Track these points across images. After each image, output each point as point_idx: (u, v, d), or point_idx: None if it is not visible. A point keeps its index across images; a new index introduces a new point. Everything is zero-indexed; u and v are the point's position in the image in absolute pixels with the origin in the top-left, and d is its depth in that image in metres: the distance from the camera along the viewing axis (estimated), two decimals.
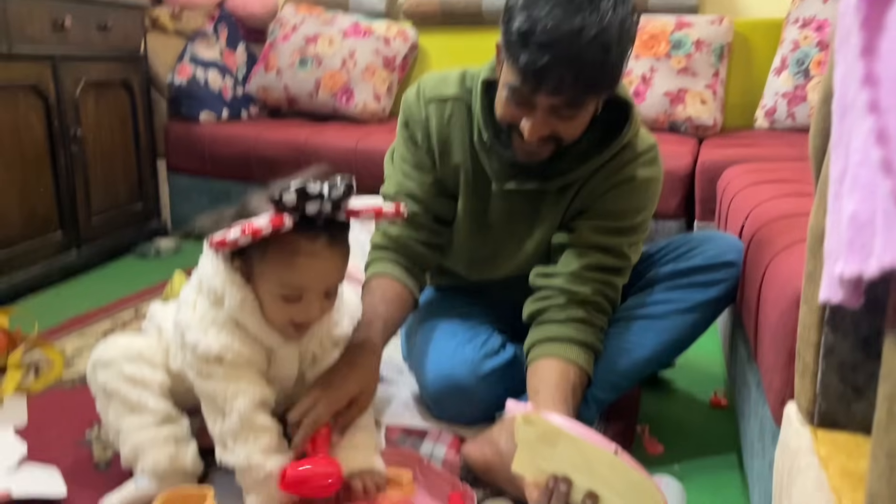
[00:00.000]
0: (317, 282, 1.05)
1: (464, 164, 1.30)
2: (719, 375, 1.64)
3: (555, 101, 1.08)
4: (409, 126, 1.33)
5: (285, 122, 2.79)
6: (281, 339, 1.11)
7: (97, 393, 1.17)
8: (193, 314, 1.10)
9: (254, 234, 0.94)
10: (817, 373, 0.74)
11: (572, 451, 0.92)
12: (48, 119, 2.11)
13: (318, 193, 0.98)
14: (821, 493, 0.66)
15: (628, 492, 0.89)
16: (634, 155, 1.24)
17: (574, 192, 1.26)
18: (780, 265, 0.98)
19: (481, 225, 1.33)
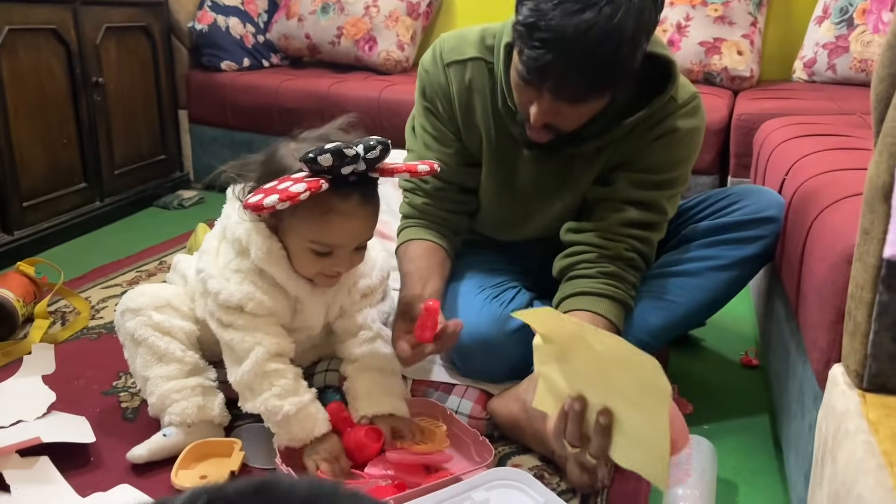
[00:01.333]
0: (349, 239, 1.03)
1: (486, 129, 1.25)
2: (750, 335, 1.61)
3: (558, 96, 1.03)
4: (427, 95, 1.28)
5: (307, 72, 2.74)
6: (309, 288, 1.10)
7: (125, 340, 1.17)
8: (216, 261, 1.10)
9: (291, 199, 0.91)
10: (869, 333, 0.70)
11: (587, 357, 0.88)
12: (70, 65, 2.09)
13: (355, 155, 0.95)
14: (871, 458, 0.63)
15: (637, 391, 0.83)
16: (676, 106, 1.18)
17: (610, 150, 1.21)
18: (828, 221, 0.93)
19: (508, 189, 1.29)
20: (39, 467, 1.06)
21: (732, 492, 1.10)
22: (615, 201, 1.20)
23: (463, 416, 1.20)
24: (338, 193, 0.98)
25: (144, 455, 1.08)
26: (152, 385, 1.13)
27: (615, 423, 0.88)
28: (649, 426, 0.83)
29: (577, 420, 0.91)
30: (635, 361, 0.81)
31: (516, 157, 1.25)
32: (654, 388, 0.80)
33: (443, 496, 1.00)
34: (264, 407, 1.05)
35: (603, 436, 0.88)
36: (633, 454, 0.88)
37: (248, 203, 0.93)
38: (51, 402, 1.22)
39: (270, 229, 1.06)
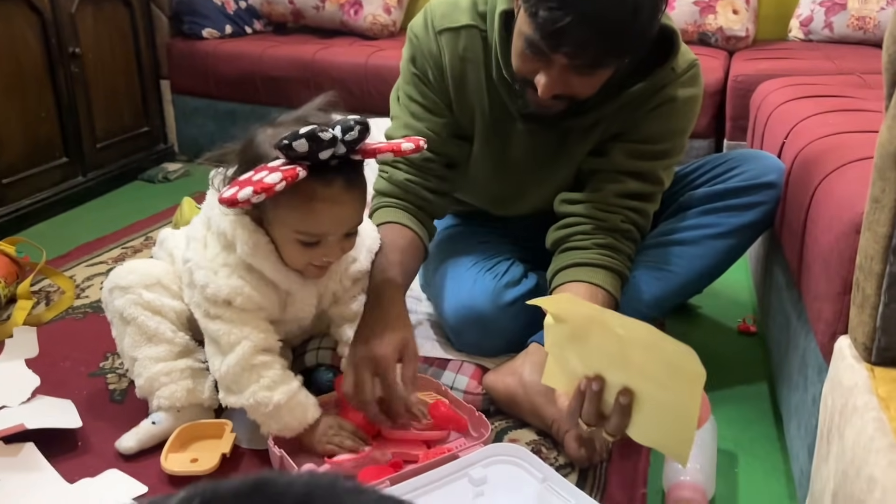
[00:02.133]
0: (336, 226, 0.99)
1: (480, 101, 1.19)
2: (747, 301, 1.59)
3: (574, 62, 0.98)
4: (417, 62, 1.21)
5: (291, 38, 2.66)
6: (300, 281, 1.05)
7: (113, 318, 1.13)
8: (204, 252, 1.05)
9: (266, 191, 0.86)
10: (879, 305, 0.68)
11: (606, 339, 0.86)
12: (45, 36, 2.01)
13: (332, 139, 0.90)
14: (882, 437, 0.60)
15: (665, 374, 0.82)
16: (674, 75, 1.13)
17: (607, 122, 1.16)
18: (833, 187, 0.90)
19: (502, 164, 1.24)
20: (25, 454, 1.03)
21: (733, 462, 1.09)
22: (611, 172, 1.17)
23: (458, 391, 1.18)
24: (320, 179, 0.93)
25: (134, 447, 1.05)
26: (140, 366, 1.09)
27: (635, 402, 0.87)
28: (676, 407, 0.83)
29: (594, 399, 0.90)
30: (666, 348, 0.80)
31: (511, 131, 1.21)
32: (687, 373, 0.79)
33: (441, 474, 0.98)
34: (253, 400, 1.01)
35: (622, 415, 0.88)
36: (653, 432, 0.88)
37: (222, 198, 0.88)
38: (35, 387, 1.19)
39: (255, 222, 1.01)
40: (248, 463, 1.05)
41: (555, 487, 0.95)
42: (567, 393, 0.95)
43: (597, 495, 1.00)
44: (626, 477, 1.04)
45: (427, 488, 0.96)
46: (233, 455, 1.04)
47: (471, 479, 0.97)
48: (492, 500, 0.95)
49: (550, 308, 0.94)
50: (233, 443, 1.05)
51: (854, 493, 0.63)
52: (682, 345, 0.79)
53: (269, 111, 2.53)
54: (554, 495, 0.94)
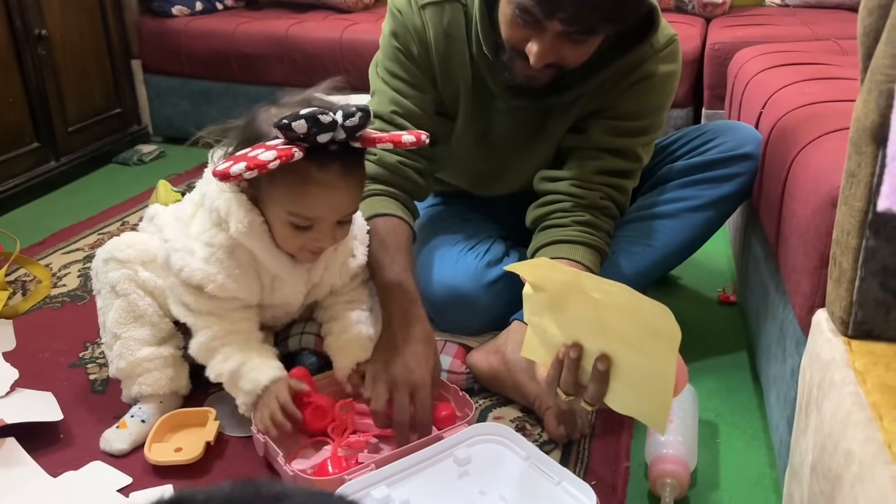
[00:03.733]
0: (329, 212, 0.97)
1: (464, 77, 1.18)
2: (727, 271, 1.60)
3: (568, 28, 0.96)
4: (399, 37, 1.19)
5: (263, 13, 2.61)
6: (290, 265, 1.04)
7: (102, 289, 1.10)
8: (186, 230, 1.04)
9: (259, 167, 0.85)
10: (855, 279, 0.68)
11: (583, 305, 0.86)
12: (9, 18, 1.96)
13: (331, 122, 0.89)
14: (859, 410, 0.61)
15: (641, 337, 0.83)
16: (653, 51, 1.13)
17: (586, 99, 1.16)
18: (810, 159, 0.90)
19: (484, 142, 1.23)
20: (6, 449, 1.02)
21: (714, 433, 1.10)
22: (589, 149, 1.16)
23: (443, 371, 1.18)
24: (316, 163, 0.92)
25: (125, 447, 1.04)
26: (123, 347, 1.07)
27: (613, 369, 0.87)
28: (652, 371, 0.83)
29: (572, 367, 0.89)
30: (642, 308, 0.79)
31: (492, 109, 1.20)
32: (663, 334, 0.79)
33: (426, 454, 0.98)
34: (214, 374, 1.03)
35: (600, 382, 0.87)
36: (631, 400, 0.88)
37: (215, 171, 0.87)
38: (14, 380, 1.18)
39: (252, 201, 1.00)
40: (232, 450, 1.05)
41: (538, 465, 0.96)
42: (546, 365, 0.95)
43: (580, 471, 1.01)
44: (609, 452, 1.05)
45: (412, 469, 0.97)
46: (217, 443, 1.04)
47: (455, 458, 0.98)
48: (476, 479, 0.96)
49: (528, 274, 0.94)
50: (217, 430, 1.04)
51: (832, 466, 0.63)
52: (658, 304, 0.78)
53: (244, 89, 2.52)
54: (538, 472, 0.95)
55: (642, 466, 1.01)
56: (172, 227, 1.06)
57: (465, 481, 0.96)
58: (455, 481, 0.96)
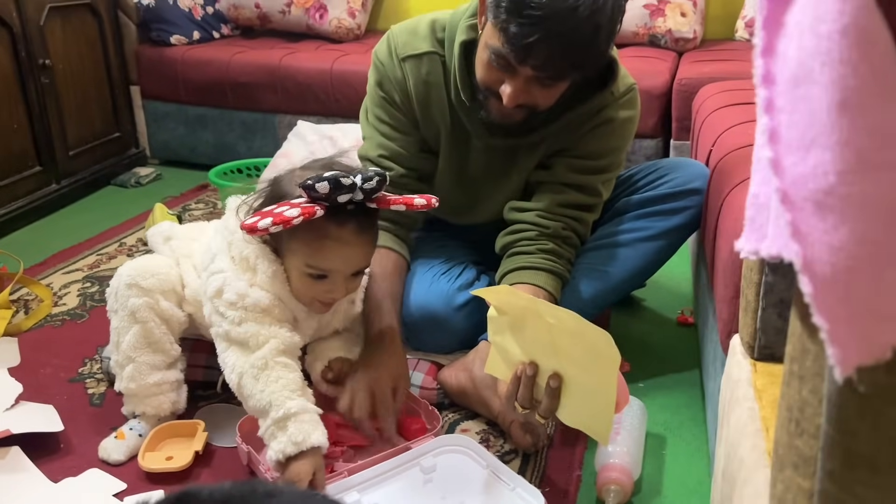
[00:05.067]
0: (343, 265, 1.07)
1: (443, 119, 1.30)
2: (688, 294, 1.70)
3: (538, 74, 1.08)
4: (384, 86, 1.31)
5: (258, 43, 2.73)
6: (305, 311, 1.13)
7: (120, 310, 1.15)
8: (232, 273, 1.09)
9: (284, 223, 0.95)
10: (758, 310, 0.79)
11: (538, 328, 0.98)
12: (14, 50, 2.07)
13: (352, 185, 0.99)
14: (752, 423, 0.71)
15: (587, 358, 0.94)
16: (613, 98, 1.25)
17: (552, 138, 1.27)
18: (736, 199, 1.01)
19: (461, 177, 1.35)
20: (11, 457, 1.11)
21: (661, 445, 1.20)
22: (554, 184, 1.28)
23: (415, 387, 1.28)
24: (334, 220, 1.02)
25: (122, 459, 1.13)
26: (136, 370, 1.14)
27: (564, 386, 0.99)
28: (597, 390, 0.94)
29: (528, 384, 1.01)
30: (588, 333, 0.91)
31: (469, 147, 1.32)
32: (605, 357, 0.91)
33: (394, 463, 1.08)
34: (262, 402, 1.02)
35: (552, 398, 1.00)
36: (579, 414, 1.00)
37: (244, 224, 0.97)
38: (18, 394, 1.27)
39: (274, 251, 1.09)
40: (219, 459, 1.15)
41: (496, 473, 1.06)
42: (507, 380, 1.06)
43: (536, 478, 1.11)
44: (564, 461, 1.15)
45: (382, 477, 1.06)
46: (205, 452, 1.14)
47: (422, 468, 1.08)
48: (439, 486, 1.06)
49: (491, 299, 1.05)
50: (205, 441, 1.14)
51: (732, 471, 0.74)
52: (601, 330, 0.91)
53: (238, 115, 2.62)
54: (495, 479, 1.05)
55: (593, 475, 1.11)
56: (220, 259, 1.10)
57: (430, 487, 1.06)
58: (420, 487, 1.06)
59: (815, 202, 0.35)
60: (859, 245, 0.35)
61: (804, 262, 0.36)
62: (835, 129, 0.34)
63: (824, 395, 0.42)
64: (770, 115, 0.38)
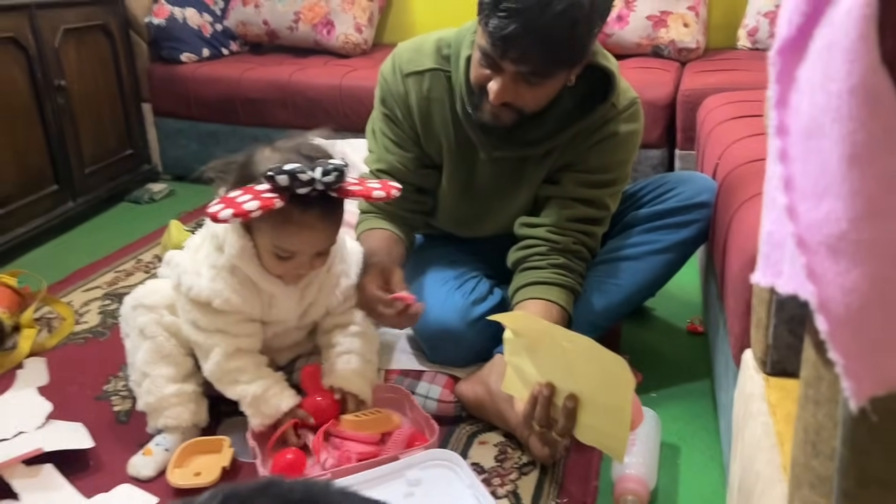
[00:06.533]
0: (307, 247, 1.13)
1: (446, 135, 1.33)
2: (697, 303, 1.73)
3: (521, 69, 1.12)
4: (387, 102, 1.36)
5: (267, 59, 2.77)
6: (281, 285, 1.19)
7: (131, 332, 1.25)
8: (195, 256, 1.20)
9: (243, 216, 1.00)
10: (769, 326, 0.82)
11: (554, 351, 1.01)
12: (31, 71, 2.11)
13: (310, 180, 1.04)
14: (767, 438, 0.74)
15: (602, 381, 0.98)
16: (616, 112, 1.28)
17: (558, 152, 1.31)
18: (744, 216, 1.04)
19: (468, 190, 1.39)
20: (45, 475, 1.15)
21: (675, 454, 1.23)
22: (563, 199, 1.31)
23: (433, 400, 1.31)
24: (298, 206, 1.07)
25: (152, 474, 1.16)
26: (152, 384, 1.20)
27: (580, 406, 1.02)
28: (612, 410, 0.98)
29: (545, 404, 1.05)
30: (603, 358, 0.95)
31: (474, 161, 1.35)
32: (620, 381, 0.95)
33: (379, 473, 1.10)
34: (233, 396, 1.19)
35: (569, 418, 1.03)
36: (594, 433, 1.03)
37: (207, 212, 1.03)
38: (48, 412, 1.31)
39: (245, 228, 1.15)
40: (245, 474, 1.18)
41: (477, 495, 1.07)
42: (524, 399, 1.09)
43: (554, 489, 1.14)
44: (581, 472, 1.18)
45: (363, 485, 1.07)
46: (232, 468, 1.17)
47: (407, 480, 1.10)
48: (419, 501, 1.07)
49: (508, 323, 1.09)
50: (231, 457, 1.17)
51: (747, 485, 0.77)
52: (615, 355, 0.94)
53: (249, 131, 2.66)
54: (474, 502, 1.06)
55: (610, 485, 1.13)
56: (182, 255, 1.23)
57: (409, 501, 1.07)
58: (400, 500, 1.07)
59: (828, 246, 0.38)
60: (871, 286, 0.38)
61: (819, 302, 0.39)
62: (846, 179, 0.37)
63: (839, 419, 0.45)
64: (784, 163, 0.41)
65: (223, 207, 1.01)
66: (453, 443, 1.25)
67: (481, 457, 1.21)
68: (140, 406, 1.23)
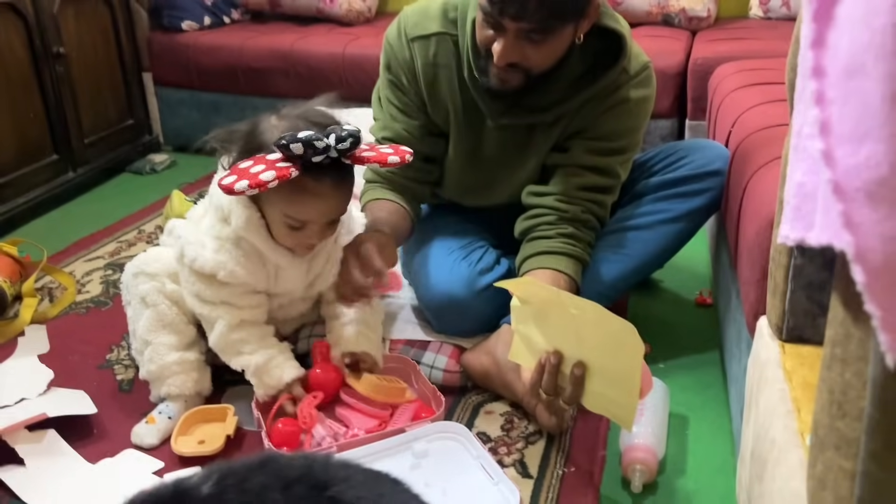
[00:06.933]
0: (319, 216, 1.10)
1: (453, 100, 1.30)
2: (705, 275, 1.71)
3: (521, 26, 1.09)
4: (392, 68, 1.32)
5: (269, 27, 2.72)
6: (290, 256, 1.17)
7: (132, 300, 1.23)
8: (198, 227, 1.18)
9: (260, 186, 0.98)
10: (787, 292, 0.80)
11: (562, 319, 0.99)
12: (29, 39, 2.07)
13: (325, 147, 1.01)
14: (783, 405, 0.73)
15: (611, 348, 0.96)
16: (628, 77, 1.25)
17: (567, 120, 1.28)
18: (760, 182, 1.01)
19: (475, 158, 1.36)
20: (48, 440, 1.14)
21: (683, 425, 1.22)
22: (572, 167, 1.28)
23: (438, 370, 1.29)
24: (311, 175, 1.04)
25: (156, 442, 1.15)
26: (154, 352, 1.19)
27: (588, 374, 1.00)
28: (621, 378, 0.96)
29: (553, 372, 1.03)
30: (611, 324, 0.93)
31: (481, 129, 1.32)
32: (629, 347, 0.93)
33: (385, 445, 1.09)
34: (237, 366, 1.18)
35: (577, 385, 1.01)
36: (603, 401, 1.02)
37: (220, 184, 1.00)
38: (50, 379, 1.30)
39: (251, 199, 1.12)
40: (249, 443, 1.17)
41: (485, 465, 1.06)
42: (531, 368, 1.08)
43: (561, 459, 1.13)
44: (589, 441, 1.16)
45: (370, 457, 1.06)
46: (236, 436, 1.16)
47: (414, 452, 1.09)
48: (426, 472, 1.06)
49: (515, 290, 1.07)
50: (236, 425, 1.16)
51: (762, 452, 0.75)
52: (625, 321, 0.92)
53: (251, 100, 2.62)
54: (482, 472, 1.06)
55: (617, 455, 1.12)
56: (185, 226, 1.20)
57: (415, 473, 1.06)
58: (406, 472, 1.05)
59: (867, 193, 0.36)
60: None
61: (857, 252, 0.37)
62: (888, 121, 0.35)
63: (868, 378, 0.44)
64: (821, 106, 0.38)
65: (237, 179, 0.98)
66: (459, 413, 1.24)
67: (487, 426, 1.20)
68: (142, 374, 1.22)
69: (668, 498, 1.06)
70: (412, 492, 0.60)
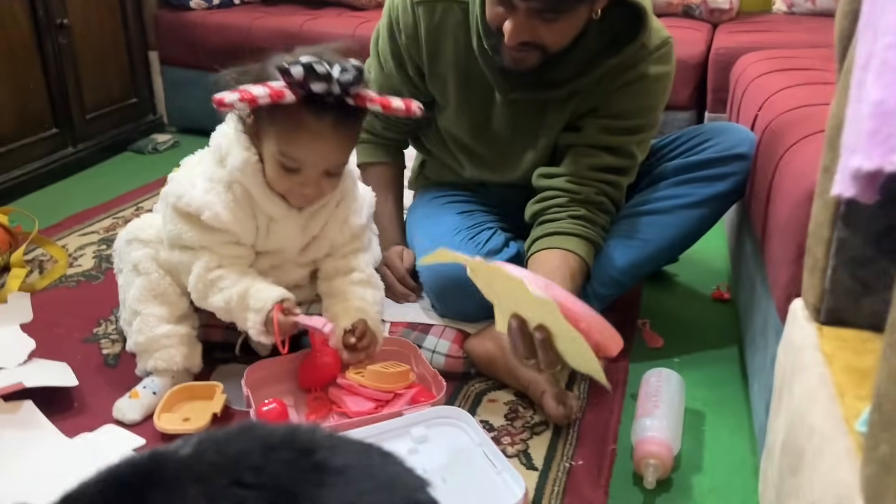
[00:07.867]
0: (316, 158, 1.04)
1: (457, 71, 1.24)
2: (722, 270, 1.64)
3: (532, 5, 1.02)
4: (392, 27, 1.27)
5: (279, 9, 2.66)
6: (285, 208, 1.10)
7: (124, 267, 1.17)
8: (192, 170, 1.12)
9: (250, 101, 0.93)
10: (827, 269, 0.72)
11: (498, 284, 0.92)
12: (32, 8, 2.02)
13: (326, 74, 0.95)
14: (824, 389, 0.65)
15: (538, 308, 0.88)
16: (646, 52, 1.17)
17: (581, 97, 1.21)
18: (795, 157, 0.94)
19: (484, 131, 1.29)
20: (24, 412, 1.07)
21: (700, 421, 1.14)
22: (585, 146, 1.21)
23: (440, 354, 1.22)
24: (312, 111, 0.99)
25: (138, 418, 1.09)
26: (143, 322, 1.13)
27: (554, 336, 0.91)
28: (569, 335, 0.87)
29: (517, 336, 0.93)
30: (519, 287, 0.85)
31: (490, 103, 1.25)
32: (545, 306, 0.84)
33: (381, 428, 1.02)
34: (219, 305, 1.09)
35: (544, 349, 0.91)
36: (578, 360, 0.91)
37: (214, 98, 0.95)
38: (31, 350, 1.23)
39: (251, 139, 1.07)
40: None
41: (487, 453, 0.99)
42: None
43: (569, 452, 1.06)
44: (598, 435, 1.09)
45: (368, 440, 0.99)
46: (224, 415, 1.09)
47: (412, 437, 1.02)
48: (424, 458, 0.98)
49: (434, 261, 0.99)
50: (224, 403, 1.09)
51: (797, 440, 0.68)
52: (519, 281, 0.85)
53: None
54: (484, 460, 0.99)
55: (628, 450, 1.05)
56: (179, 172, 1.15)
57: (413, 459, 0.97)
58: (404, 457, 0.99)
59: None
60: None
61: None
62: None
63: None
64: None
65: (229, 92, 0.95)
66: (461, 400, 1.17)
67: (490, 415, 1.13)
68: (130, 346, 1.15)
69: (684, 496, 0.99)
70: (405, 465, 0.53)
